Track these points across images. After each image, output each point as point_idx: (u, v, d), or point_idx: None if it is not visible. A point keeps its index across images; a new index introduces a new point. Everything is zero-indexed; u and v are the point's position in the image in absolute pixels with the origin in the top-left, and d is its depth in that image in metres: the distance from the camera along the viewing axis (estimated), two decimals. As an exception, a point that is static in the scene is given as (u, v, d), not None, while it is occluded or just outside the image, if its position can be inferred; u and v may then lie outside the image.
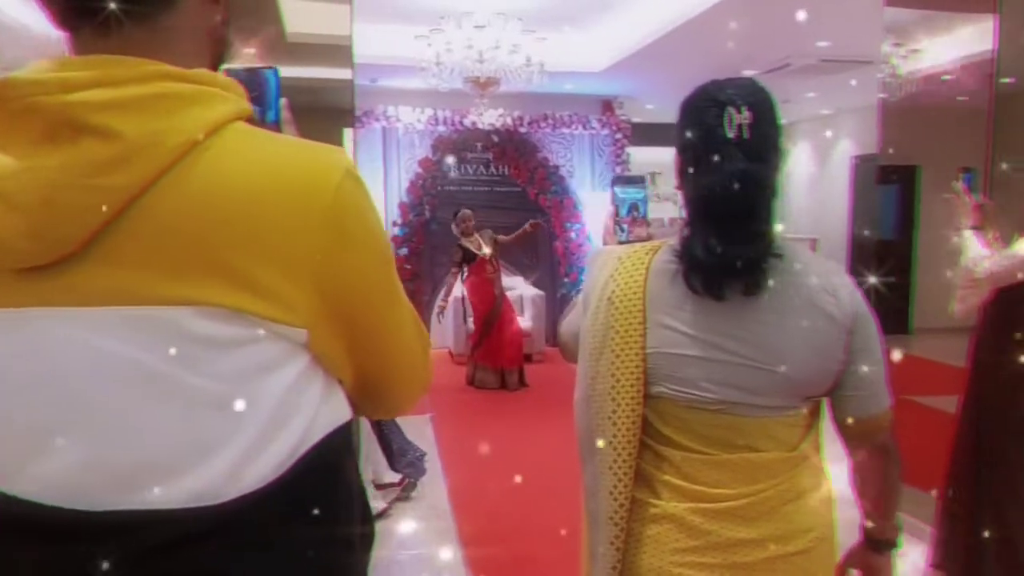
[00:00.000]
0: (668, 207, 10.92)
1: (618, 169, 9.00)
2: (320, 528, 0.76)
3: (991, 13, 3.24)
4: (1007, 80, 3.24)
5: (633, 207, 1.70)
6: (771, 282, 1.20)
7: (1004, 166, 2.64)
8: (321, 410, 0.76)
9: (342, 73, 3.05)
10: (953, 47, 3.70)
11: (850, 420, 1.29)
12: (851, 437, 1.32)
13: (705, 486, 1.25)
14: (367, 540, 0.89)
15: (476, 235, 6.74)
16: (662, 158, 11.52)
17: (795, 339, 1.22)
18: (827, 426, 1.34)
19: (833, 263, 1.31)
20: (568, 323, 1.51)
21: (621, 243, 1.63)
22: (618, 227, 1.69)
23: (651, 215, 1.73)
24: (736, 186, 1.17)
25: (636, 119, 9.27)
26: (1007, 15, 3.23)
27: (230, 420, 0.69)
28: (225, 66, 0.87)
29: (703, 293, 1.21)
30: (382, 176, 8.49)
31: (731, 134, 1.19)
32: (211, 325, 0.68)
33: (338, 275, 0.74)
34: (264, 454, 0.71)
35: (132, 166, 0.66)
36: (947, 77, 3.69)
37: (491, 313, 6.73)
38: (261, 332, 0.70)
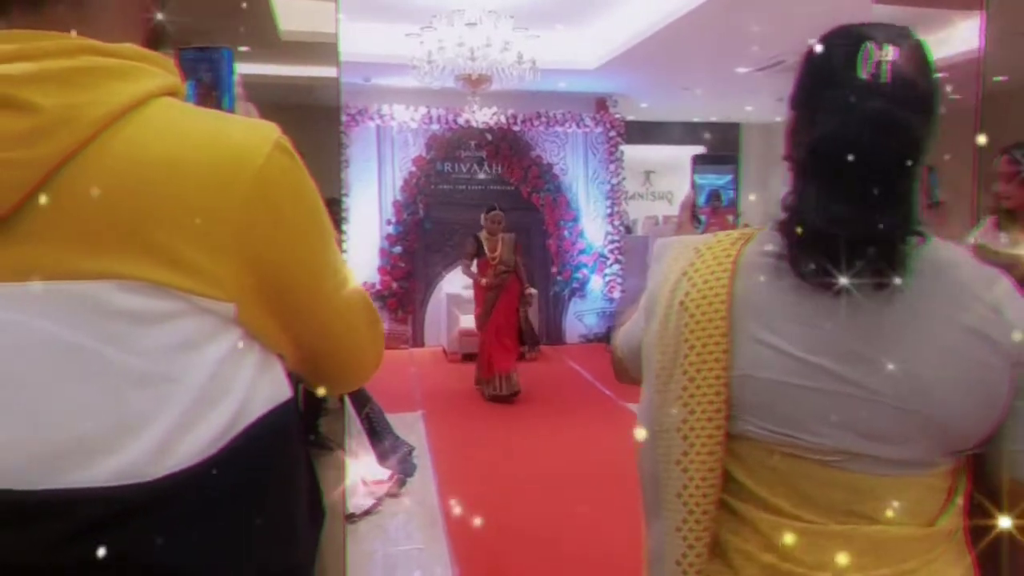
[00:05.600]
0: (663, 205, 10.96)
1: (611, 167, 9.01)
2: (258, 510, 0.74)
3: (980, 11, 3.25)
4: (1000, 79, 3.25)
5: (713, 195, 1.37)
6: (911, 280, 0.88)
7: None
8: (258, 387, 0.74)
9: (336, 71, 3.05)
10: (945, 45, 3.71)
11: (1015, 482, 0.93)
12: (1014, 506, 0.95)
13: (804, 567, 0.92)
14: (314, 524, 0.87)
15: (500, 236, 6.37)
16: (656, 156, 11.47)
17: (944, 368, 0.89)
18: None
19: (994, 270, 0.94)
20: (625, 333, 1.17)
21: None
22: (695, 218, 1.36)
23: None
24: (869, 132, 0.87)
25: (630, 117, 9.28)
26: (995, 13, 3.24)
27: (156, 396, 0.68)
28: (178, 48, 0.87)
29: (815, 278, 0.89)
30: (376, 175, 8.49)
31: (865, 73, 0.89)
32: (134, 299, 0.67)
33: (266, 250, 0.73)
34: (194, 431, 0.69)
35: (50, 139, 0.65)
36: (938, 75, 3.68)
37: (482, 317, 6.45)
38: (185, 306, 0.68)
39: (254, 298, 0.73)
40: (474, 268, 6.42)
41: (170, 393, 0.68)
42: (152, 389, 0.67)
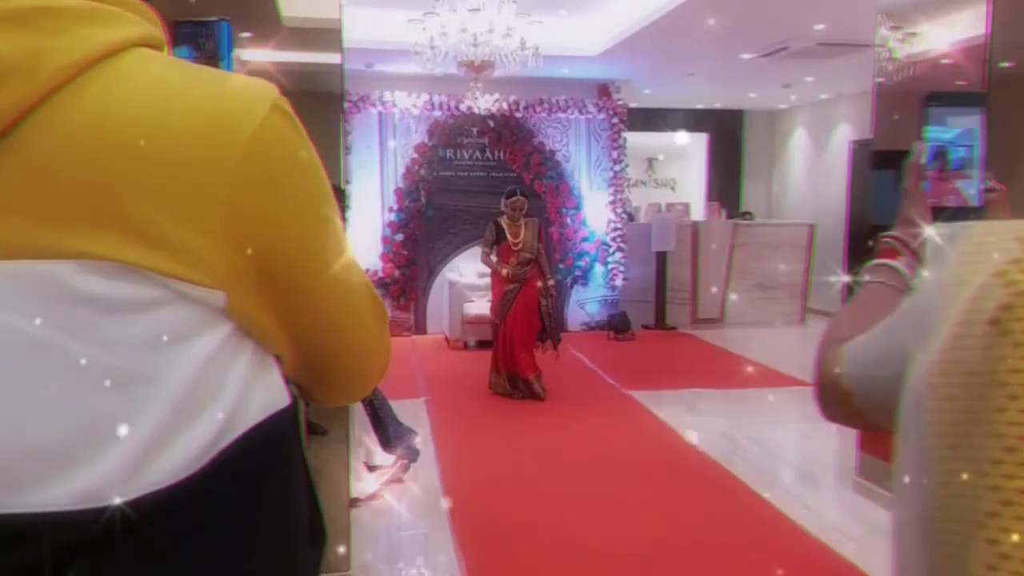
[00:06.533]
0: (666, 192, 10.94)
1: (614, 154, 8.97)
2: (251, 535, 0.64)
3: (987, -4, 3.23)
4: (1006, 64, 3.23)
5: (939, 153, 0.99)
6: None
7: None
8: (252, 392, 0.64)
9: (338, 58, 3.04)
10: (951, 30, 3.69)
11: None
12: None
13: None
14: (314, 548, 0.75)
15: (523, 221, 5.91)
16: (659, 143, 11.46)
17: None
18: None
19: None
20: (862, 351, 0.82)
21: (935, 208, 0.98)
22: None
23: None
24: None
25: (633, 104, 9.25)
26: (1003, -2, 3.22)
27: (129, 400, 0.57)
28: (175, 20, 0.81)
29: None
30: (378, 162, 8.48)
31: None
32: (103, 283, 0.56)
33: (261, 228, 0.62)
34: (175, 444, 0.58)
35: (7, 89, 0.55)
36: (945, 61, 3.68)
37: (501, 307, 5.97)
38: (165, 293, 0.58)
39: (247, 285, 0.62)
40: (493, 257, 5.96)
41: (146, 396, 0.57)
42: (124, 391, 0.57)
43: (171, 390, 0.58)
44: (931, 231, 0.76)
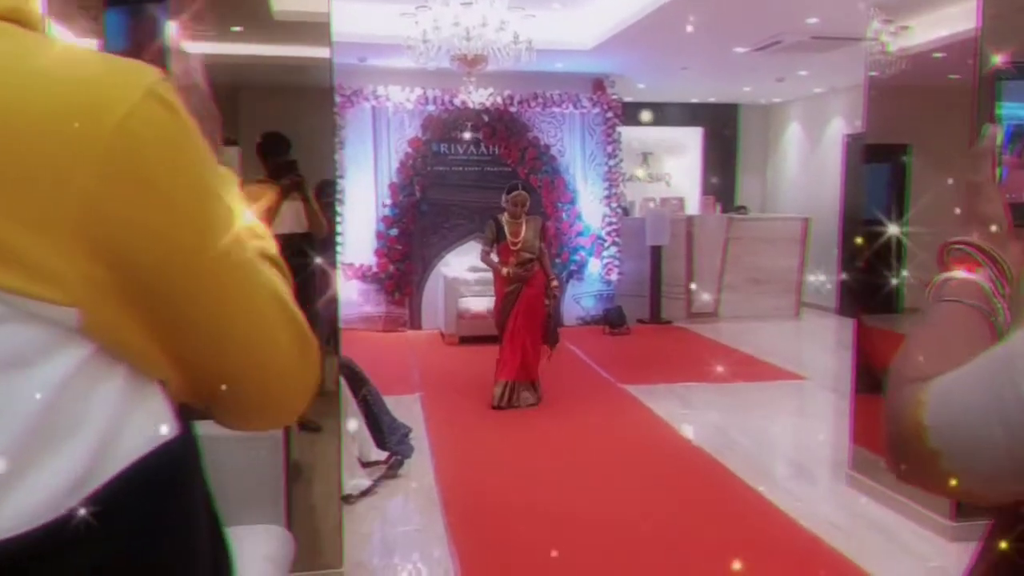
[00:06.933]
0: (660, 187, 10.94)
1: (609, 149, 8.96)
2: None
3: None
4: (997, 58, 3.23)
5: (1018, 134, 0.88)
6: None
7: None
8: (126, 424, 0.55)
9: (328, 52, 3.03)
10: (944, 24, 3.69)
11: None
12: None
13: None
14: None
15: (524, 218, 5.58)
16: (654, 137, 11.44)
17: None
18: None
19: None
20: (953, 396, 0.61)
21: (1015, 204, 0.82)
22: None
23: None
24: None
25: (627, 98, 9.24)
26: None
27: None
28: None
29: None
30: (372, 156, 8.46)
31: None
32: None
33: (126, 232, 0.53)
34: (23, 484, 0.50)
35: None
36: (938, 55, 3.68)
37: (502, 309, 5.67)
38: (3, 310, 0.50)
39: (108, 300, 0.53)
40: (494, 256, 5.61)
41: None
42: None
43: (13, 423, 0.50)
44: None
